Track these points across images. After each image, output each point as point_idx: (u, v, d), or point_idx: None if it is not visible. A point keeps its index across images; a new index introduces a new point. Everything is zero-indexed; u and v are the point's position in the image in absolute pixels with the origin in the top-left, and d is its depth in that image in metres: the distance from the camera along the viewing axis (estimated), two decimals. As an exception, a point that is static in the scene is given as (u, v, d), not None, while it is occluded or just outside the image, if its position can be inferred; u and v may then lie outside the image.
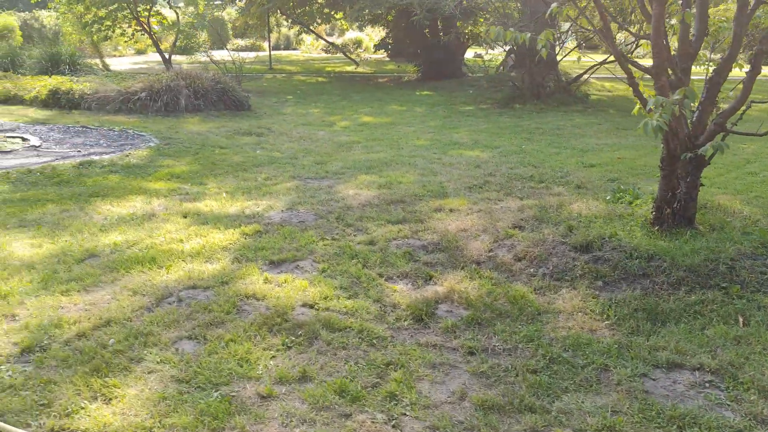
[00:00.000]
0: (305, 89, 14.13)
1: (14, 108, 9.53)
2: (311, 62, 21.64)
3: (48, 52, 12.70)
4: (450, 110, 11.11)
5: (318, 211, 5.14)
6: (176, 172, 6.43)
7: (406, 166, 6.76)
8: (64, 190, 5.62)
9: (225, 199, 5.44)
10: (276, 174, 6.40)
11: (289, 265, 4.07)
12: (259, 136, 8.51)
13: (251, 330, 3.23)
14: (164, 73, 10.16)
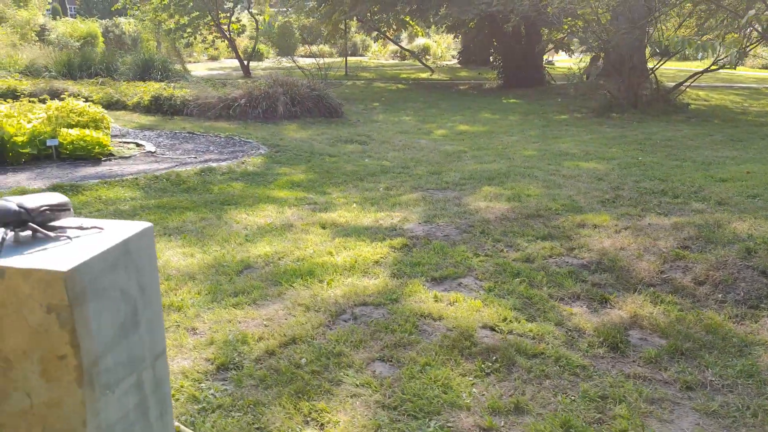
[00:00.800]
0: (389, 96, 14.05)
1: (118, 113, 9.72)
2: (382, 68, 21.62)
3: (141, 58, 12.99)
4: (545, 119, 10.84)
5: (458, 224, 4.99)
6: (295, 180, 6.38)
7: (527, 178, 6.55)
8: (194, 198, 5.62)
9: (356, 210, 5.34)
10: (395, 184, 6.29)
11: (452, 283, 3.92)
12: (362, 144, 8.43)
13: (441, 353, 3.09)
14: (261, 79, 10.21)
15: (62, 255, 1.18)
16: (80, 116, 7.20)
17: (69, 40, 18.57)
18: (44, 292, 1.08)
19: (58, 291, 1.07)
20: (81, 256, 1.16)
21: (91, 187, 5.81)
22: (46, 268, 1.09)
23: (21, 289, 1.09)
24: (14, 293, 1.09)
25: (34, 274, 1.09)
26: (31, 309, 1.09)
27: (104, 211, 5.19)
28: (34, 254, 1.19)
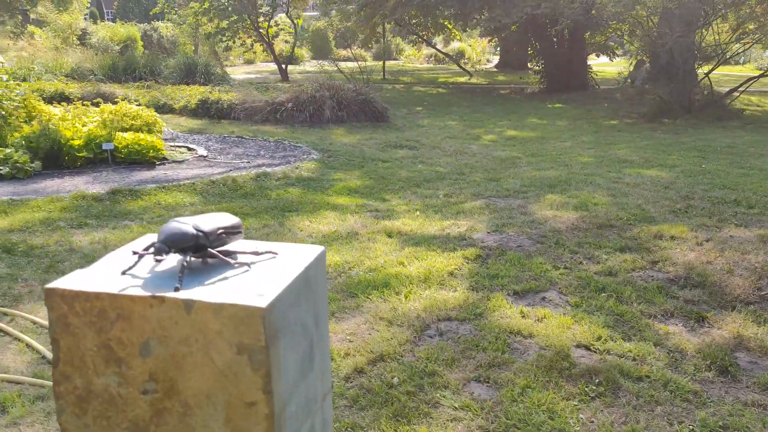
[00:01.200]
0: (431, 100, 13.89)
1: (166, 116, 9.70)
2: (418, 72, 21.48)
3: (184, 62, 13.02)
4: (595, 125, 10.58)
5: (529, 234, 4.80)
6: (352, 186, 6.26)
7: (589, 186, 6.34)
8: (253, 204, 5.52)
9: (420, 218, 5.19)
10: (454, 191, 6.12)
11: (535, 297, 3.74)
12: (412, 149, 8.28)
13: (540, 374, 2.91)
14: (306, 83, 10.13)
15: (250, 287, 1.05)
16: (134, 120, 7.16)
17: (109, 43, 18.76)
18: (236, 330, 0.95)
19: (253, 329, 0.94)
20: (273, 289, 1.02)
21: (149, 192, 5.75)
22: (242, 303, 0.96)
23: (209, 326, 0.96)
24: (201, 330, 0.96)
25: (227, 310, 0.96)
26: (220, 349, 0.95)
27: (165, 217, 5.11)
28: (217, 285, 1.06)
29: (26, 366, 2.93)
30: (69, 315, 1.00)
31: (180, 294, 1.00)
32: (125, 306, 0.98)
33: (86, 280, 1.06)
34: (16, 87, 7.14)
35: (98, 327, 0.99)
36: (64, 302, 1.00)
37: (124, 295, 0.99)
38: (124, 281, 1.05)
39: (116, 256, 1.24)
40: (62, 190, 5.80)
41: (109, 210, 5.25)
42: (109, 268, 1.14)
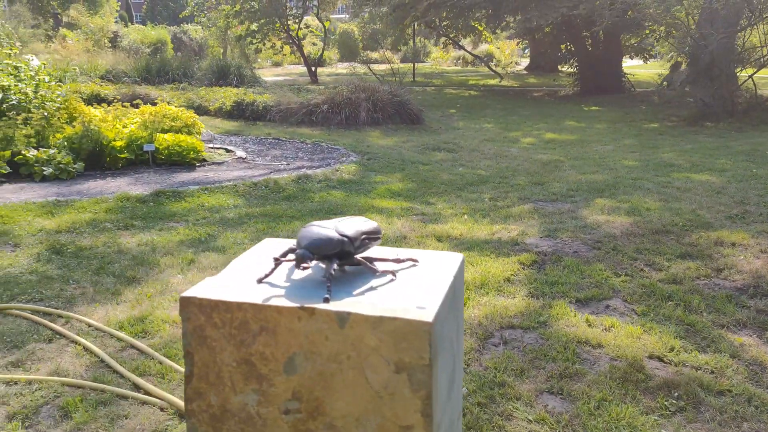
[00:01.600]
0: (463, 103, 13.76)
1: (201, 118, 9.68)
2: (447, 75, 21.34)
3: (217, 64, 13.05)
4: (635, 128, 10.36)
5: (584, 240, 4.66)
6: (394, 189, 6.16)
7: (638, 190, 6.17)
8: (297, 206, 5.44)
9: (469, 222, 5.07)
10: (499, 195, 6.00)
11: (598, 305, 3.61)
12: (451, 152, 8.16)
13: (615, 386, 2.78)
14: (341, 85, 10.06)
15: (405, 298, 0.95)
16: (173, 121, 7.15)
17: (140, 46, 18.92)
18: (396, 346, 0.85)
19: (417, 345, 0.84)
20: (432, 301, 0.93)
21: (192, 193, 5.71)
22: (405, 317, 0.86)
23: (365, 341, 0.86)
24: (355, 346, 0.87)
25: (387, 324, 0.86)
26: (375, 367, 0.86)
27: (210, 219, 5.06)
28: (367, 296, 0.96)
29: (85, 369, 2.87)
30: (206, 327, 0.91)
31: (332, 305, 0.90)
32: (270, 318, 0.89)
33: (224, 289, 0.97)
34: (58, 88, 7.16)
35: (239, 340, 0.90)
36: (202, 313, 0.91)
37: (270, 306, 0.89)
38: (264, 290, 0.96)
39: (243, 262, 1.15)
40: (106, 191, 5.78)
41: (153, 211, 5.21)
42: (241, 276, 1.05)
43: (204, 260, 4.15)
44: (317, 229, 1.08)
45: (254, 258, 1.15)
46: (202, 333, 0.91)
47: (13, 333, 3.19)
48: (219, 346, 0.91)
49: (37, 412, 2.57)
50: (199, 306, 0.92)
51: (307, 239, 1.05)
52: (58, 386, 2.73)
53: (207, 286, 0.99)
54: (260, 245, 1.23)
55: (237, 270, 1.07)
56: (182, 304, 0.94)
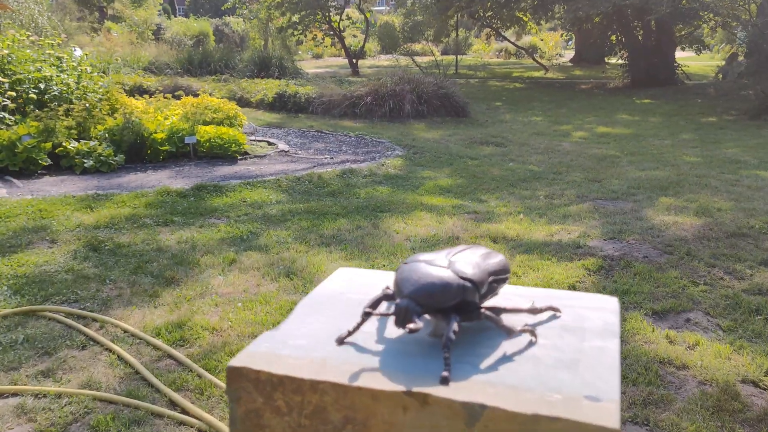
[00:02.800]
0: (509, 95, 13.33)
1: (243, 110, 9.52)
2: (490, 67, 20.82)
3: (259, 55, 12.88)
4: (692, 122, 9.82)
5: (653, 243, 4.29)
6: (442, 185, 5.85)
7: (705, 189, 5.74)
8: (342, 202, 5.18)
9: (525, 222, 4.74)
10: (554, 192, 5.63)
11: (677, 318, 3.25)
12: (499, 146, 7.80)
13: (707, 416, 2.44)
14: (385, 77, 9.77)
15: (560, 378, 0.66)
16: (215, 113, 6.96)
17: (183, 38, 18.92)
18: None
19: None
20: (605, 386, 0.64)
21: (233, 188, 5.50)
22: (574, 418, 0.57)
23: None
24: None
25: (543, 426, 0.58)
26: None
27: (252, 215, 4.83)
28: (502, 373, 0.67)
29: (119, 382, 2.66)
30: (265, 412, 0.64)
31: (454, 391, 0.62)
32: (361, 406, 0.62)
33: (291, 357, 0.69)
34: (100, 79, 7.04)
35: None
36: (259, 392, 0.64)
37: (362, 388, 0.62)
38: (349, 359, 0.68)
39: (313, 306, 0.86)
40: (146, 184, 5.62)
41: (194, 207, 5.01)
42: (314, 332, 0.77)
43: (246, 260, 3.92)
44: (426, 268, 0.76)
45: (328, 300, 0.86)
46: (259, 421, 0.64)
47: (45, 338, 3.00)
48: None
49: (65, 431, 2.36)
50: (255, 382, 0.65)
51: (413, 284, 0.74)
52: (89, 401, 2.51)
53: (265, 349, 0.71)
54: (334, 279, 0.95)
55: (305, 321, 0.79)
56: (230, 376, 0.67)
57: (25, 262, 3.84)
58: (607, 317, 0.83)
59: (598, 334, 0.78)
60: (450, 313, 0.73)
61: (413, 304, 0.71)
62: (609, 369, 0.69)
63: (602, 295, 0.90)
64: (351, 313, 0.82)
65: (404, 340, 0.75)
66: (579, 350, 0.73)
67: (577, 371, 0.68)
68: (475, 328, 0.78)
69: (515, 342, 0.75)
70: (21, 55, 6.63)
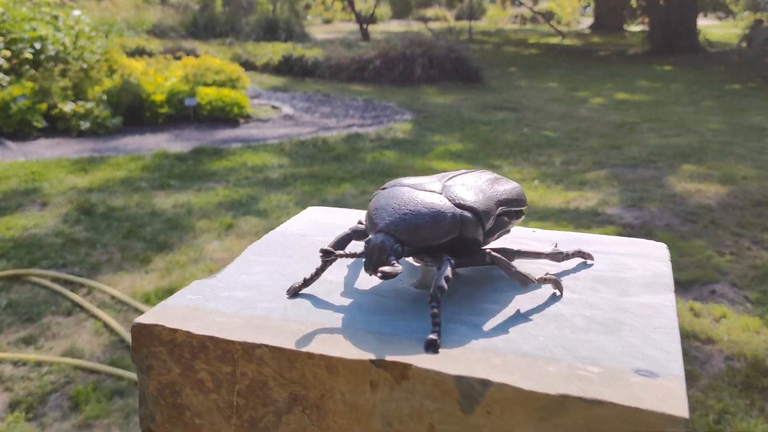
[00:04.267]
0: (524, 61, 12.95)
1: (247, 73, 9.25)
2: (504, 33, 20.29)
3: (265, 18, 12.54)
4: (715, 89, 9.45)
5: (675, 211, 4.05)
6: (453, 150, 5.61)
7: (729, 156, 5.46)
8: (348, 167, 4.96)
9: (541, 188, 4.50)
10: (571, 158, 5.38)
11: (702, 290, 3.03)
12: (514, 111, 7.51)
13: (735, 394, 2.24)
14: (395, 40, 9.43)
15: (595, 343, 0.45)
16: (216, 74, 6.72)
17: (189, 2, 18.53)
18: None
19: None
20: (663, 354, 0.43)
21: (234, 151, 5.29)
22: (615, 401, 0.37)
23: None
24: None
25: (573, 412, 0.37)
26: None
27: (252, 179, 4.63)
28: (512, 335, 0.46)
29: (103, 350, 2.49)
30: (184, 387, 0.44)
31: (444, 361, 0.41)
32: (311, 380, 0.41)
33: (224, 313, 0.48)
34: (98, 39, 6.79)
35: (247, 419, 0.43)
36: (174, 359, 0.44)
37: (313, 354, 0.41)
38: (301, 316, 0.47)
39: (267, 246, 0.64)
40: (143, 147, 5.42)
41: (192, 170, 4.81)
42: (261, 279, 0.55)
43: (244, 225, 3.73)
44: (411, 193, 0.54)
45: (286, 242, 0.65)
46: (176, 399, 0.44)
47: (29, 303, 2.83)
48: (209, 427, 0.43)
49: (43, 401, 2.19)
50: (169, 346, 0.44)
51: (392, 213, 0.51)
52: (70, 370, 2.35)
53: (188, 302, 0.50)
54: (299, 218, 0.74)
55: (252, 268, 0.57)
56: (137, 338, 0.46)
57: (13, 225, 3.67)
58: (656, 266, 0.61)
59: (645, 287, 0.56)
60: (442, 254, 0.51)
61: (391, 240, 0.49)
62: (666, 333, 0.48)
63: (645, 240, 0.68)
64: (312, 259, 0.61)
65: (380, 293, 0.53)
66: (620, 308, 0.52)
67: (620, 335, 0.47)
68: (476, 277, 0.56)
69: (532, 296, 0.53)
70: (16, 14, 6.39)
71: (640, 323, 0.49)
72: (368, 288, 0.54)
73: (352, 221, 0.73)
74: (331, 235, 0.67)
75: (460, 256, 0.52)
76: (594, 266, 0.60)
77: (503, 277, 0.56)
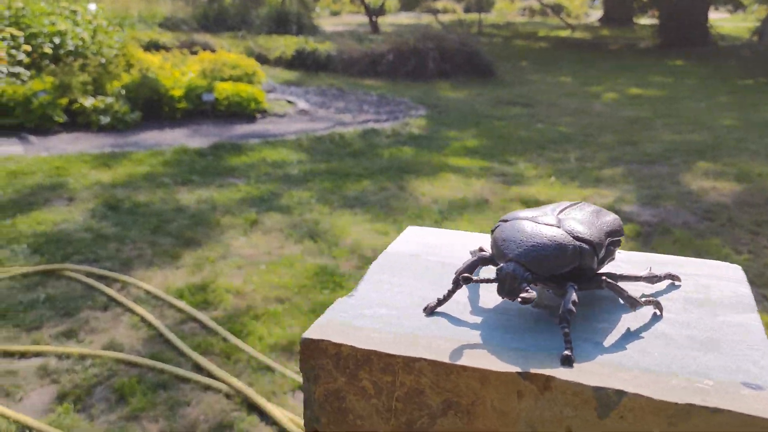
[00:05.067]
0: (534, 55, 12.96)
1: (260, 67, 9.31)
2: (513, 26, 20.26)
3: (276, 11, 12.57)
4: (728, 84, 9.47)
5: (691, 209, 4.10)
6: (469, 146, 5.67)
7: (744, 153, 5.50)
8: (365, 163, 5.03)
9: (556, 185, 4.56)
10: (586, 155, 5.43)
11: (722, 288, 3.10)
12: (527, 106, 7.56)
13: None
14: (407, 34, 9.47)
15: (698, 358, 0.52)
16: (233, 69, 6.78)
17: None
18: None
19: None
20: (766, 375, 0.50)
21: (252, 147, 5.35)
22: (735, 409, 0.44)
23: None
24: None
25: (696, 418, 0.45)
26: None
27: (273, 175, 4.69)
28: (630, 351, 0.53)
29: (142, 344, 2.57)
30: (348, 394, 0.51)
31: (581, 373, 0.48)
32: (465, 389, 0.48)
33: (370, 329, 0.55)
34: (115, 33, 6.85)
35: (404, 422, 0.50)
36: (340, 369, 0.51)
37: (467, 368, 0.48)
38: (446, 334, 0.54)
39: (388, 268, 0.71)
40: (163, 142, 5.49)
41: (212, 166, 4.88)
42: (395, 299, 0.62)
43: (267, 221, 3.80)
44: (533, 226, 0.62)
45: (402, 263, 0.72)
46: (341, 404, 0.51)
47: (66, 298, 2.91)
48: (370, 427, 0.50)
49: (90, 393, 2.27)
50: (335, 359, 0.51)
51: (520, 245, 0.60)
52: (112, 363, 2.43)
53: (342, 319, 0.57)
54: (405, 238, 0.80)
55: (381, 287, 0.64)
56: (305, 351, 0.53)
57: (43, 220, 3.75)
58: (736, 288, 0.68)
59: (731, 307, 0.63)
60: (565, 282, 0.58)
61: (521, 269, 0.56)
62: (759, 350, 0.55)
63: (719, 262, 0.75)
64: (431, 278, 0.68)
65: (504, 312, 0.60)
66: (713, 327, 0.59)
67: (720, 352, 0.54)
68: (585, 300, 0.63)
69: (635, 316, 0.60)
70: (35, 8, 6.45)
71: (735, 342, 0.56)
72: (491, 307, 0.61)
73: (455, 240, 0.79)
74: (438, 255, 0.74)
75: (579, 282, 0.59)
76: (681, 288, 0.67)
77: (607, 298, 0.63)
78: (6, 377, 2.36)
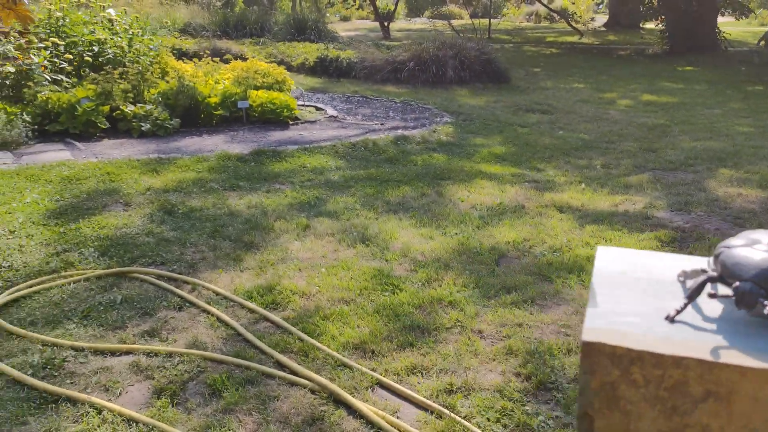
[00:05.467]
0: (546, 61, 13.16)
1: (285, 75, 9.52)
2: (522, 32, 20.51)
3: (294, 18, 12.78)
4: (739, 90, 9.66)
5: (722, 215, 4.29)
6: (497, 153, 5.86)
7: (764, 160, 5.69)
8: (401, 170, 5.22)
9: (588, 192, 4.75)
10: (610, 162, 5.62)
11: (757, 291, 3.28)
12: (545, 113, 7.75)
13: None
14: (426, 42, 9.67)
15: None
16: (264, 77, 6.97)
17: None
18: None
19: None
20: None
21: (291, 153, 5.55)
22: None
23: None
24: None
25: None
26: None
27: (315, 181, 4.89)
28: None
29: (223, 343, 2.75)
30: (620, 384, 0.69)
31: None
32: (725, 381, 0.67)
33: (633, 333, 0.74)
34: (151, 42, 7.06)
35: (669, 406, 0.68)
36: (615, 365, 0.69)
37: (728, 365, 0.67)
38: (689, 336, 0.73)
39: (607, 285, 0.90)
40: (204, 149, 5.68)
41: (256, 172, 5.07)
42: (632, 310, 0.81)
43: (318, 226, 3.99)
44: (761, 254, 0.82)
45: (618, 280, 0.90)
46: (614, 393, 0.69)
47: (142, 299, 3.10)
48: (637, 411, 0.69)
49: (184, 388, 2.46)
50: (611, 357, 0.69)
51: (756, 267, 0.80)
52: (200, 360, 2.61)
53: (605, 325, 0.76)
54: (605, 259, 0.99)
55: (617, 300, 0.83)
56: (586, 351, 0.72)
57: (105, 225, 3.94)
58: None
59: None
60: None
61: (756, 287, 0.76)
62: None
63: None
64: (652, 292, 0.87)
65: (731, 320, 0.79)
66: None
67: None
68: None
69: None
70: (74, 18, 6.65)
71: None
72: (717, 316, 0.81)
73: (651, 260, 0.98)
74: (639, 271, 0.94)
75: None
76: None
77: None
78: (103, 373, 2.55)
